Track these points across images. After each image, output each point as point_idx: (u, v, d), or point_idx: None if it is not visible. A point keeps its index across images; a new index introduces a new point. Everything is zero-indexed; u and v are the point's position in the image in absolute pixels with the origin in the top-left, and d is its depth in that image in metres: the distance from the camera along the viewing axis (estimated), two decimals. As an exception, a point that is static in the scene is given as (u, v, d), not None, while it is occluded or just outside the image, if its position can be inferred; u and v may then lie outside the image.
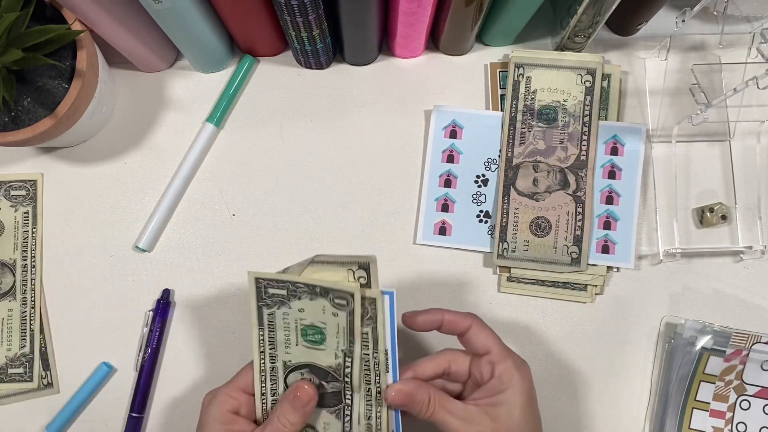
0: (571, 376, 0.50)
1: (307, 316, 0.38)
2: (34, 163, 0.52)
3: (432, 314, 0.41)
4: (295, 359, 0.39)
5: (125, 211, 0.52)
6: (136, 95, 0.53)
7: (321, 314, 0.38)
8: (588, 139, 0.50)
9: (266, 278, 0.38)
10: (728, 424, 0.48)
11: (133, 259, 0.51)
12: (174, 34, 0.47)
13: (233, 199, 0.52)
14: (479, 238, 0.51)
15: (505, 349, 0.39)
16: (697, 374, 0.48)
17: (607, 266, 0.50)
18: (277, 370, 0.39)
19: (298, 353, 0.39)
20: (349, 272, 0.37)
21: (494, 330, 0.41)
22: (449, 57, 0.54)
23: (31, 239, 0.51)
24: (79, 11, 0.43)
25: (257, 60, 0.54)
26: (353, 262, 0.37)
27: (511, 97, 0.51)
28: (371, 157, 0.53)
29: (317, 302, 0.37)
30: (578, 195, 0.50)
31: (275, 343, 0.39)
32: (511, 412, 0.37)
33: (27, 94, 0.44)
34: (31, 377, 0.49)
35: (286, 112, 0.53)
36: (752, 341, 0.47)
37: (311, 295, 0.37)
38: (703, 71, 0.53)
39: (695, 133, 0.52)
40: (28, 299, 0.50)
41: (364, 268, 0.37)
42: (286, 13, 0.43)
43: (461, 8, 0.45)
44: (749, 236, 0.51)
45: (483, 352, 0.39)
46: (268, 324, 0.39)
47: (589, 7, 0.45)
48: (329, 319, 0.38)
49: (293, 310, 0.38)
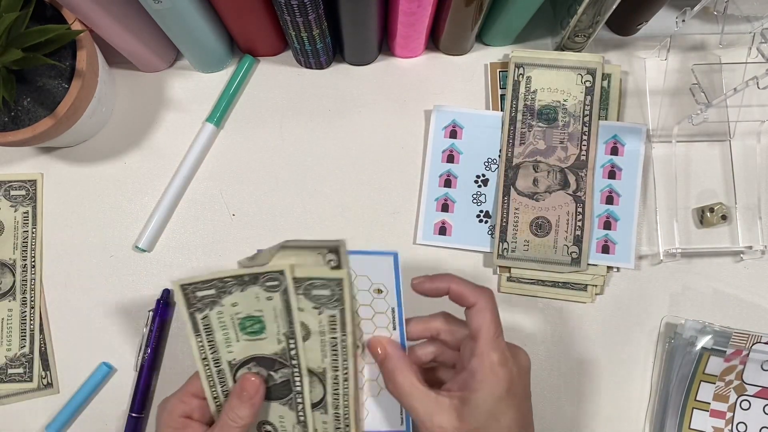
0: (571, 376, 0.50)
1: (242, 308, 0.37)
2: (34, 163, 0.52)
3: (439, 281, 0.38)
4: (239, 356, 0.38)
5: (125, 211, 0.52)
6: (136, 95, 0.53)
7: (256, 302, 0.37)
8: (588, 139, 0.50)
9: (192, 282, 0.36)
10: (728, 424, 0.48)
11: (133, 259, 0.51)
12: (174, 34, 0.47)
13: (233, 199, 0.52)
14: (479, 238, 0.51)
15: (493, 342, 0.36)
16: (697, 374, 0.48)
17: (607, 266, 0.50)
18: (224, 372, 0.39)
19: (240, 349, 0.38)
20: (320, 256, 0.37)
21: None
22: (449, 57, 0.54)
23: (31, 239, 0.51)
24: (79, 11, 0.43)
25: (257, 60, 0.54)
26: (323, 247, 0.37)
27: (511, 97, 0.51)
28: (371, 157, 0.52)
29: (249, 291, 0.37)
30: (578, 195, 0.50)
31: (215, 345, 0.38)
32: (478, 415, 0.34)
33: (27, 94, 0.44)
34: (31, 377, 0.49)
35: (286, 112, 0.53)
36: (752, 341, 0.47)
37: (241, 287, 0.37)
38: (704, 71, 0.53)
39: (695, 133, 0.52)
40: (27, 299, 0.50)
41: (334, 251, 0.36)
42: (286, 13, 0.43)
43: (461, 8, 0.45)
44: (749, 236, 0.51)
45: (473, 336, 0.36)
46: (205, 328, 0.38)
47: (589, 7, 0.45)
48: (264, 305, 0.37)
49: (226, 306, 0.37)
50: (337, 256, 0.36)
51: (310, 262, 0.37)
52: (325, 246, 0.37)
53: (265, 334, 0.38)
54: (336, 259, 0.36)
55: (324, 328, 0.37)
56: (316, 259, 0.37)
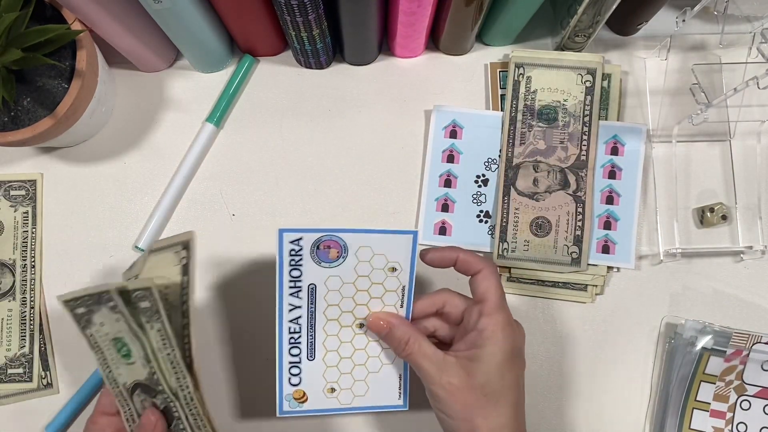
0: (571, 376, 0.50)
1: (109, 329, 0.36)
2: (34, 163, 0.52)
3: (448, 252, 0.41)
4: (128, 380, 0.37)
5: (125, 211, 0.52)
6: (136, 95, 0.53)
7: (115, 323, 0.35)
8: (588, 139, 0.50)
9: (70, 299, 0.35)
10: (728, 424, 0.48)
11: (133, 259, 0.51)
12: (174, 34, 0.47)
13: (233, 199, 0.52)
14: (479, 238, 0.51)
15: (500, 305, 0.38)
16: (697, 374, 0.48)
17: (607, 266, 0.50)
18: (124, 394, 0.38)
19: (126, 373, 0.37)
20: (176, 254, 0.35)
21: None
22: (449, 57, 0.54)
23: (31, 239, 0.51)
24: (79, 11, 0.43)
25: (257, 60, 0.54)
26: (177, 243, 0.35)
27: (511, 97, 0.51)
28: (371, 157, 0.52)
29: (103, 311, 0.35)
30: (578, 195, 0.50)
31: (108, 363, 0.37)
32: (487, 369, 0.37)
33: (27, 94, 0.44)
34: (31, 377, 0.49)
35: (286, 112, 0.53)
36: (752, 341, 0.47)
37: (98, 305, 0.35)
38: (704, 71, 0.53)
39: (695, 133, 0.52)
40: (27, 299, 0.50)
41: (186, 247, 0.35)
42: (286, 13, 0.43)
43: (461, 8, 0.45)
44: (749, 236, 0.51)
45: (479, 300, 0.39)
46: (95, 345, 0.36)
47: (589, 7, 0.45)
48: (119, 326, 0.35)
49: (97, 326, 0.36)
50: (188, 252, 0.35)
51: (166, 263, 0.35)
52: (179, 242, 0.35)
53: (133, 357, 0.36)
54: (187, 256, 0.35)
55: (159, 344, 0.35)
56: (172, 259, 0.35)
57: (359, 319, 0.42)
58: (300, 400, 0.42)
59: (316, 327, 0.41)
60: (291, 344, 0.41)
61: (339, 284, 0.40)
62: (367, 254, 0.40)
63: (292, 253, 0.39)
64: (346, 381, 0.43)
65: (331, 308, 0.41)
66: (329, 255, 0.40)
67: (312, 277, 0.40)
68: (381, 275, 0.40)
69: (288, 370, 0.42)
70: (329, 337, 0.42)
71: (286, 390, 0.42)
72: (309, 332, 0.41)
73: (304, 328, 0.41)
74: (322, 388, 0.42)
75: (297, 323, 0.41)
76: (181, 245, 0.35)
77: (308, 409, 0.42)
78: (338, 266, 0.40)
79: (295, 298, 0.40)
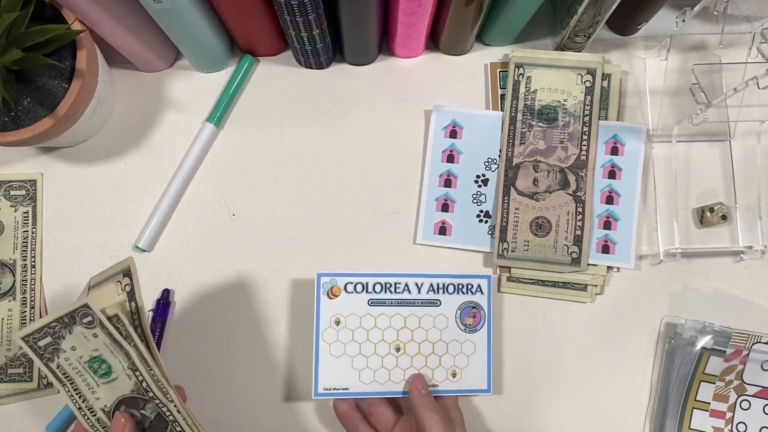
0: (571, 376, 0.50)
1: (82, 351, 0.36)
2: (34, 163, 0.52)
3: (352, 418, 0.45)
4: (108, 402, 0.37)
5: (125, 211, 0.52)
6: (136, 95, 0.53)
7: (87, 342, 0.36)
8: (588, 138, 0.50)
9: (30, 333, 0.35)
10: (728, 424, 0.48)
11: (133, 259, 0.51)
12: (174, 34, 0.47)
13: (233, 199, 0.52)
14: (479, 238, 0.51)
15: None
16: (697, 374, 0.48)
17: (607, 266, 0.50)
18: (103, 420, 0.38)
19: (105, 394, 0.37)
20: (117, 284, 0.36)
21: (494, 329, 0.41)
22: (449, 57, 0.54)
23: (31, 239, 0.51)
24: (79, 11, 0.43)
25: (257, 60, 0.54)
26: (118, 273, 0.36)
27: (511, 96, 0.51)
28: (371, 157, 0.52)
29: (75, 332, 0.35)
30: (578, 195, 0.50)
31: (82, 393, 0.37)
32: None
33: (27, 94, 0.44)
34: (31, 377, 0.49)
35: (286, 112, 0.53)
36: (752, 341, 0.47)
37: (67, 328, 0.35)
38: (703, 71, 0.53)
39: (695, 133, 0.52)
40: (28, 299, 0.50)
41: (127, 274, 0.35)
42: (286, 13, 0.43)
43: (461, 8, 0.45)
44: (749, 236, 0.51)
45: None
46: (65, 377, 0.37)
47: (589, 7, 0.45)
48: (96, 343, 0.35)
49: (68, 351, 0.36)
50: (130, 278, 0.35)
51: (110, 293, 0.36)
52: (119, 271, 0.36)
53: (114, 373, 0.37)
54: (130, 283, 0.35)
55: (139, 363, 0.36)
56: (115, 288, 0.36)
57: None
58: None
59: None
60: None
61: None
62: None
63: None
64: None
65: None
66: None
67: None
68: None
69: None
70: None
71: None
72: None
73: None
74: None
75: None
76: (122, 273, 0.36)
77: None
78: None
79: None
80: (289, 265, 0.51)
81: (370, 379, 0.46)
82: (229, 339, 0.50)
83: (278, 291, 0.51)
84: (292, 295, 0.51)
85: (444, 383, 0.47)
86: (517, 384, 0.50)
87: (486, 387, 0.47)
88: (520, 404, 0.50)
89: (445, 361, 0.47)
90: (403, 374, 0.47)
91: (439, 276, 0.48)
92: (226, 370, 0.50)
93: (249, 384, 0.50)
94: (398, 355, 0.47)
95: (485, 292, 0.48)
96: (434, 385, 0.47)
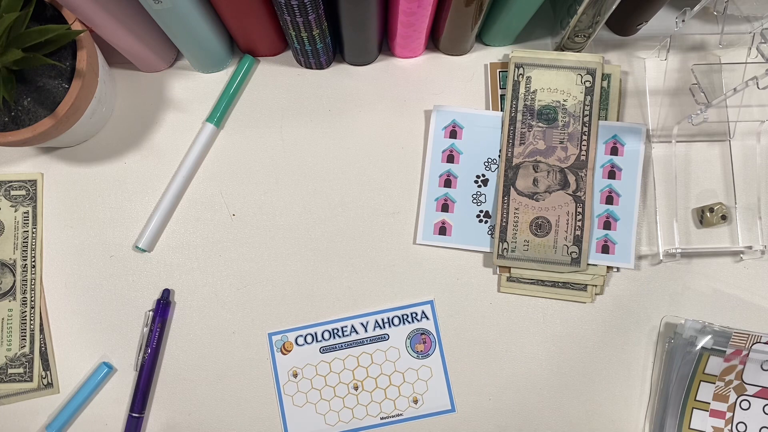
0: (571, 376, 0.50)
1: None
2: (34, 163, 0.52)
3: None
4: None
5: (125, 211, 0.52)
6: (136, 95, 0.53)
7: None
8: (588, 139, 0.50)
9: None
10: (728, 424, 0.48)
11: (133, 259, 0.51)
12: (174, 34, 0.47)
13: (233, 199, 0.52)
14: (479, 238, 0.51)
15: None
16: (697, 374, 0.48)
17: (607, 266, 0.50)
18: None
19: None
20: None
21: (494, 329, 0.41)
22: (449, 57, 0.54)
23: (31, 239, 0.51)
24: (79, 11, 0.43)
25: (257, 60, 0.54)
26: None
27: (511, 97, 0.51)
28: (371, 157, 0.53)
29: None
30: (578, 195, 0.50)
31: None
32: None
33: (27, 94, 0.44)
34: (31, 377, 0.49)
35: (286, 112, 0.53)
36: (752, 341, 0.47)
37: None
38: (703, 71, 0.53)
39: (695, 133, 0.52)
40: (28, 299, 0.50)
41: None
42: (286, 13, 0.43)
43: (461, 8, 0.45)
44: (749, 236, 0.51)
45: None
46: None
47: (589, 7, 0.45)
48: None
49: None
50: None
51: None
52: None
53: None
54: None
55: None
56: None
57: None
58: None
59: None
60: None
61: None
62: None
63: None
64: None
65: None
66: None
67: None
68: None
69: None
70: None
71: None
72: None
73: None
74: None
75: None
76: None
77: None
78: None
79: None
80: (290, 265, 0.51)
81: (335, 420, 0.49)
82: (229, 339, 0.50)
83: (278, 291, 0.51)
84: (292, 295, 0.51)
85: (407, 411, 0.49)
86: (517, 384, 0.50)
87: (450, 407, 0.49)
88: (519, 404, 0.50)
89: (405, 390, 0.49)
90: (365, 410, 0.49)
91: (383, 311, 0.50)
92: (226, 371, 0.50)
93: (249, 384, 0.50)
94: (357, 393, 0.49)
95: (431, 316, 0.49)
96: (398, 414, 0.48)
